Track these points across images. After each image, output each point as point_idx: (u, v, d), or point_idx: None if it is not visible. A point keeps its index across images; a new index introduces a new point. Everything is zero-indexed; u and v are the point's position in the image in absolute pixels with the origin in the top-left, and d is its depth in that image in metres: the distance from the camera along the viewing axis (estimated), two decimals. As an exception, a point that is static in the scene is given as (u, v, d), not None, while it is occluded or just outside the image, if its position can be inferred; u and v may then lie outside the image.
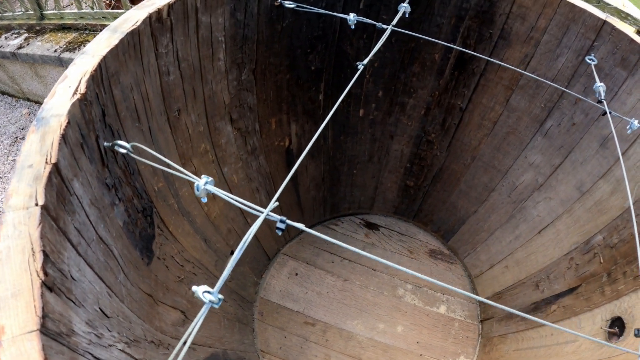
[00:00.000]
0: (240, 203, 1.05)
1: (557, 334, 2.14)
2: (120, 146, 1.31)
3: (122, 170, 1.48)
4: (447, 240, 2.68)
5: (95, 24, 3.62)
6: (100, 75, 1.25)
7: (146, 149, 1.31)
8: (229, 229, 2.26)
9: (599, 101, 1.68)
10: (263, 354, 2.38)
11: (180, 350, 0.77)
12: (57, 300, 0.98)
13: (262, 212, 1.01)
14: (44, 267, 0.93)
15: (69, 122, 1.12)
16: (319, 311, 2.43)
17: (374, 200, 2.70)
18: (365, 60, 1.42)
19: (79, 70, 1.21)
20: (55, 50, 3.48)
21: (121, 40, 1.29)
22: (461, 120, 2.19)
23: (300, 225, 0.99)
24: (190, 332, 0.78)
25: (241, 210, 2.29)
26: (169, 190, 1.83)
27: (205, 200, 1.17)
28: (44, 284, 0.92)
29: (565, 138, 2.03)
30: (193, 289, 0.84)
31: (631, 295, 1.88)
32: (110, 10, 3.63)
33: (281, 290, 2.49)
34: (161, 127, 1.65)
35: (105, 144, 1.32)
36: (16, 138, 3.76)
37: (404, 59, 2.06)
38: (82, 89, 1.17)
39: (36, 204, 0.98)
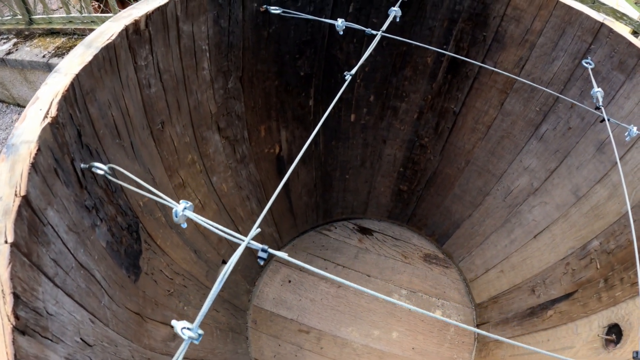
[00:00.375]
0: (220, 231, 1.00)
1: (554, 339, 2.12)
2: (97, 168, 1.26)
3: (103, 189, 1.42)
4: (442, 244, 2.65)
5: (84, 29, 3.57)
6: (73, 94, 1.19)
7: (123, 171, 1.25)
8: (220, 238, 2.21)
9: (597, 107, 1.63)
10: (256, 364, 2.35)
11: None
12: (32, 342, 0.93)
13: (243, 241, 0.96)
14: (14, 311, 0.88)
15: (39, 149, 1.06)
16: (313, 318, 2.39)
17: (367, 205, 2.65)
18: (353, 70, 1.37)
19: (50, 91, 1.15)
20: (44, 56, 3.43)
21: (95, 56, 1.23)
22: (455, 124, 2.14)
23: (283, 254, 0.94)
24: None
25: (232, 218, 2.24)
26: (156, 204, 1.78)
27: (185, 226, 1.11)
28: (15, 328, 0.87)
29: (561, 142, 1.98)
30: (172, 323, 0.81)
31: (628, 302, 1.85)
32: (98, 14, 3.56)
33: (274, 297, 2.45)
34: (144, 142, 1.59)
35: (82, 165, 1.26)
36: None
37: (395, 63, 2.00)
38: (53, 111, 1.11)
39: (5, 242, 0.93)
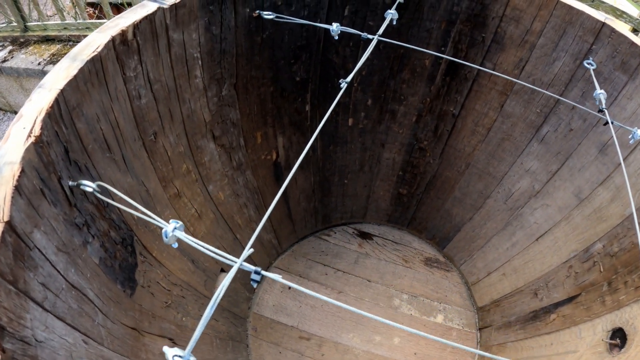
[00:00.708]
0: (212, 252, 0.97)
1: (557, 343, 2.09)
2: (85, 185, 1.22)
3: (95, 205, 1.38)
4: (443, 247, 2.61)
5: (79, 35, 3.54)
6: (58, 110, 1.15)
7: (111, 189, 1.22)
8: (218, 247, 2.17)
9: (600, 110, 1.59)
10: (257, 372, 2.32)
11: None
12: (19, 374, 0.90)
13: (236, 262, 0.93)
14: (0, 344, 0.85)
15: (23, 170, 1.02)
16: (314, 325, 2.36)
17: (367, 209, 2.62)
18: (348, 78, 1.33)
19: (34, 108, 1.11)
20: (39, 63, 3.41)
21: (81, 70, 1.19)
22: (454, 126, 2.10)
23: (277, 277, 0.91)
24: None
25: (229, 226, 2.21)
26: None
27: (176, 246, 1.08)
28: (1, 363, 0.84)
29: (563, 144, 1.94)
30: (164, 349, 0.77)
31: (632, 306, 1.82)
32: (93, 20, 3.52)
33: (274, 304, 2.42)
34: (136, 153, 1.55)
35: (70, 183, 1.22)
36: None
37: (393, 66, 1.96)
38: (37, 130, 1.07)
39: (-13, 271, 0.89)
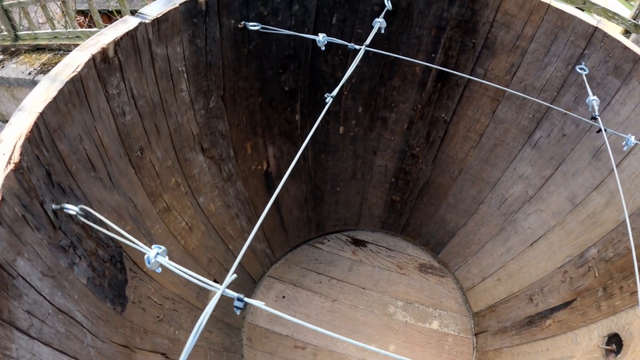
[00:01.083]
0: (195, 278, 0.95)
1: (553, 349, 2.08)
2: (68, 209, 1.19)
3: (81, 225, 1.36)
4: (437, 253, 2.60)
5: (69, 44, 3.51)
6: (38, 134, 1.12)
7: (93, 212, 1.19)
8: (210, 259, 2.15)
9: (593, 117, 1.57)
10: (252, 383, 2.30)
11: None
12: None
13: (218, 289, 0.91)
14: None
15: (3, 198, 0.99)
16: (309, 334, 2.34)
17: (360, 216, 2.60)
18: (334, 92, 1.30)
19: (13, 133, 1.08)
20: (30, 73, 3.39)
21: (60, 91, 1.15)
22: (446, 133, 2.08)
23: (260, 304, 0.89)
24: None
25: (221, 237, 2.18)
26: (140, 230, 1.71)
27: (159, 271, 1.06)
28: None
29: (556, 149, 1.93)
30: None
31: (628, 312, 1.81)
32: (83, 29, 3.50)
33: (269, 314, 2.40)
34: (122, 171, 1.52)
35: (54, 206, 1.19)
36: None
37: (383, 73, 1.93)
38: (16, 156, 1.04)
39: (-34, 308, 0.86)
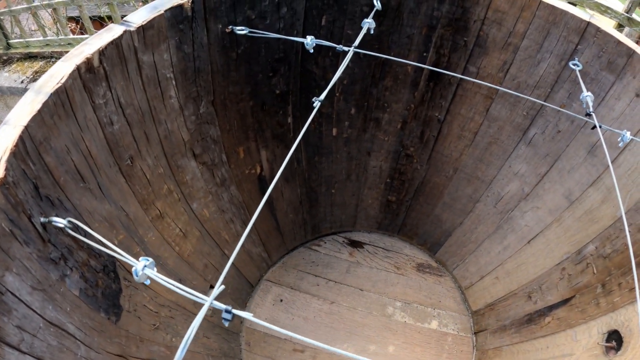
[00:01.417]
0: (182, 290, 0.94)
1: (553, 346, 2.07)
2: (57, 222, 1.18)
3: (71, 236, 1.34)
4: (435, 252, 2.58)
5: (61, 52, 3.51)
6: (24, 148, 1.10)
7: (81, 225, 1.18)
8: (205, 264, 2.14)
9: (587, 114, 1.55)
10: (252, 388, 2.29)
11: None
12: None
13: (206, 301, 0.90)
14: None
15: (-12, 215, 0.98)
16: (307, 337, 2.32)
17: (356, 217, 2.58)
18: (322, 96, 1.29)
19: (-2, 147, 1.06)
20: (22, 82, 3.41)
21: (45, 103, 1.14)
22: (440, 132, 2.06)
23: (248, 315, 0.88)
24: None
25: (216, 242, 2.17)
26: (133, 239, 1.70)
27: (148, 283, 1.05)
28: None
29: (551, 146, 1.91)
30: None
31: (627, 308, 1.80)
32: (75, 36, 3.50)
33: (267, 318, 2.38)
34: (113, 180, 1.50)
35: (42, 219, 1.18)
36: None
37: (374, 74, 1.91)
38: (1, 172, 1.02)
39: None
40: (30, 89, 1.18)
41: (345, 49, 1.40)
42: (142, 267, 1.02)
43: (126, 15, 1.37)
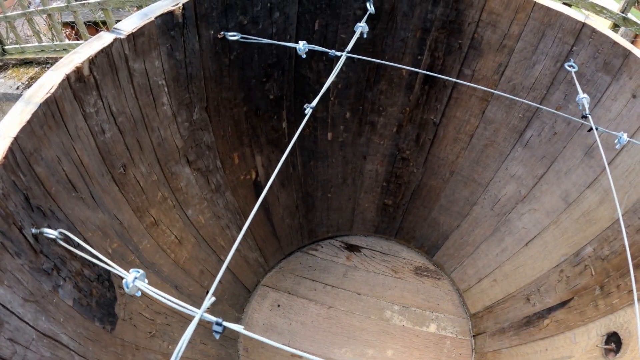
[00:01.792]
0: (172, 302, 0.94)
1: (552, 349, 2.06)
2: (48, 233, 1.17)
3: (64, 247, 1.33)
4: (432, 255, 2.57)
5: (56, 57, 3.50)
6: (14, 159, 1.09)
7: (72, 236, 1.17)
8: (201, 270, 2.13)
9: (584, 116, 1.54)
10: (250, 394, 2.28)
11: None
12: None
13: (197, 313, 0.89)
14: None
15: (-23, 229, 0.97)
16: (305, 342, 2.32)
17: (353, 221, 2.57)
18: (313, 103, 1.28)
19: (-15, 161, 1.05)
20: (18, 88, 3.40)
21: (34, 114, 1.13)
22: (436, 135, 2.06)
23: (238, 327, 0.87)
24: None
25: (212, 248, 2.15)
26: (127, 247, 1.69)
27: (139, 295, 1.04)
28: None
29: (547, 148, 1.90)
30: None
31: (626, 310, 1.78)
32: (70, 42, 3.48)
33: (264, 323, 2.37)
34: (105, 188, 1.49)
35: (33, 231, 1.17)
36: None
37: (369, 77, 1.90)
38: (-10, 185, 1.01)
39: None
40: (20, 99, 1.17)
41: (338, 53, 1.39)
42: (133, 279, 1.01)
43: (121, 20, 1.35)
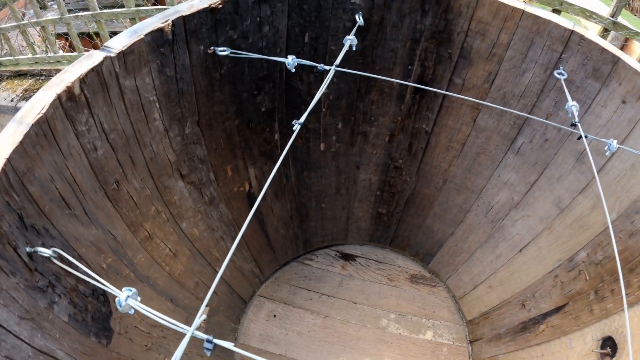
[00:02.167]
0: (164, 320, 0.95)
1: (548, 354, 2.06)
2: (42, 252, 1.18)
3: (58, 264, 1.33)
4: (427, 263, 2.58)
5: (50, 69, 3.52)
6: (7, 180, 1.09)
7: (66, 255, 1.17)
8: (197, 283, 2.13)
9: (573, 124, 1.55)
10: (248, 405, 2.27)
11: None
12: None
13: (188, 330, 0.90)
14: None
15: (-31, 253, 0.97)
16: (302, 352, 2.32)
17: (348, 230, 2.58)
18: (302, 119, 1.29)
19: (-22, 183, 1.06)
20: (12, 100, 3.42)
21: (27, 134, 1.13)
22: (428, 143, 2.07)
23: (229, 344, 0.88)
24: None
25: (207, 260, 2.16)
26: (122, 261, 1.69)
27: (132, 312, 1.04)
28: None
29: (539, 154, 1.92)
30: None
31: (621, 314, 1.79)
32: (63, 54, 3.49)
33: (261, 334, 2.37)
34: (99, 205, 1.49)
35: (28, 249, 1.18)
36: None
37: (360, 88, 1.92)
38: (-17, 207, 1.02)
39: None
40: (12, 119, 1.17)
41: (327, 67, 1.41)
42: (125, 298, 1.01)
43: (115, 32, 1.36)
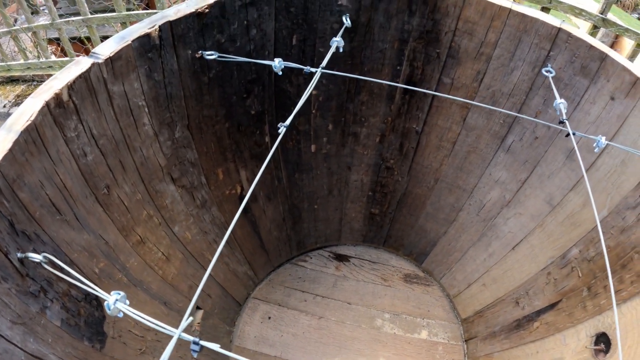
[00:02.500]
0: (152, 323, 0.95)
1: (543, 351, 2.07)
2: (32, 258, 1.18)
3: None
4: (421, 262, 2.59)
5: (42, 75, 3.52)
6: (-4, 187, 1.10)
7: (56, 260, 1.18)
8: (190, 286, 2.13)
9: (561, 122, 1.56)
10: (244, 407, 2.27)
11: None
12: None
13: (175, 333, 0.90)
14: None
15: (-41, 260, 0.97)
16: (297, 353, 2.32)
17: (341, 231, 2.58)
18: (287, 122, 1.30)
19: (-34, 191, 1.06)
20: (5, 106, 3.43)
21: (16, 142, 1.14)
22: (419, 143, 2.08)
23: (215, 346, 0.89)
24: None
25: (200, 263, 2.16)
26: (114, 266, 1.69)
27: (121, 315, 1.05)
28: None
29: (529, 152, 1.93)
30: None
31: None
32: (55, 59, 3.49)
33: (256, 336, 2.37)
34: (89, 210, 1.50)
35: (19, 255, 1.18)
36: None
37: (349, 89, 1.92)
38: (-27, 214, 1.02)
39: None
40: (1, 127, 1.18)
41: (313, 70, 1.41)
42: (114, 301, 1.02)
43: (106, 36, 1.37)
